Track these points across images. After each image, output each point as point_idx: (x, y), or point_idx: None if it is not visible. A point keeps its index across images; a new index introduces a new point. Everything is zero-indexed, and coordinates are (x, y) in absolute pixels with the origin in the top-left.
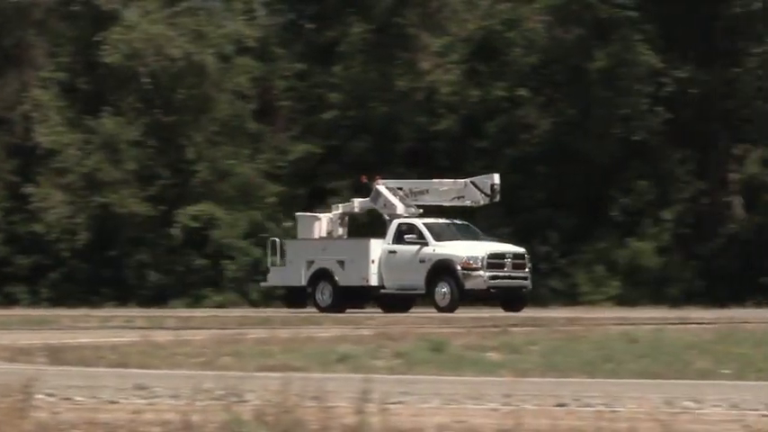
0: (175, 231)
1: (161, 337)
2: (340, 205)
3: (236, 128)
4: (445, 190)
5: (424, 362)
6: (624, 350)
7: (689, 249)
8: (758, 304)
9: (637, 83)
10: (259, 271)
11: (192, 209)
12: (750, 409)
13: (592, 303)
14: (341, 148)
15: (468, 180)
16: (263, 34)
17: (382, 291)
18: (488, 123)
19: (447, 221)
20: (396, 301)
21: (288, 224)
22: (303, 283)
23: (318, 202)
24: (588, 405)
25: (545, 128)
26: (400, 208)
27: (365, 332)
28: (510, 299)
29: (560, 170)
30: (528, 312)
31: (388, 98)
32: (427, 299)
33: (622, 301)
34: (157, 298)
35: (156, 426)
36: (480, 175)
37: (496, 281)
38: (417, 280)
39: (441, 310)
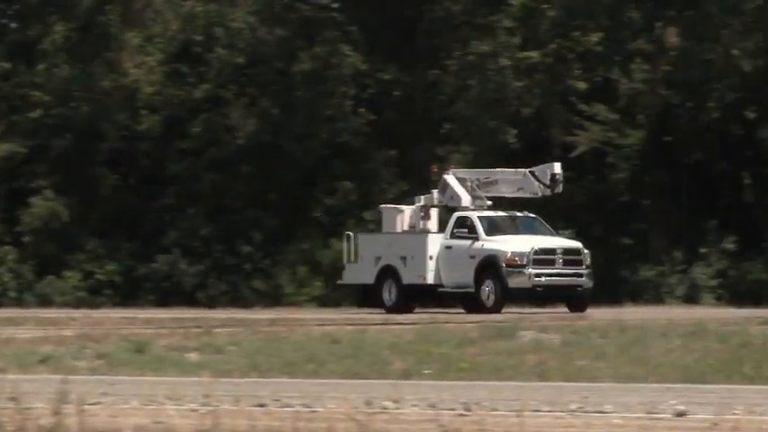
0: None
1: None
2: (422, 197)
3: None
4: (511, 180)
5: (126, 363)
6: (326, 351)
7: None
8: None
9: (341, 84)
10: None
11: None
12: (447, 409)
13: (295, 304)
14: (44, 148)
15: (526, 170)
16: None
17: (440, 289)
18: (191, 124)
19: (508, 214)
20: (456, 300)
21: None
22: (372, 280)
23: (19, 201)
24: (287, 405)
25: (250, 128)
26: (465, 200)
27: (68, 333)
28: (562, 298)
29: (265, 171)
30: (232, 314)
31: (91, 97)
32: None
33: (325, 302)
34: None
35: None
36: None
37: (543, 279)
38: (468, 277)
39: (487, 310)
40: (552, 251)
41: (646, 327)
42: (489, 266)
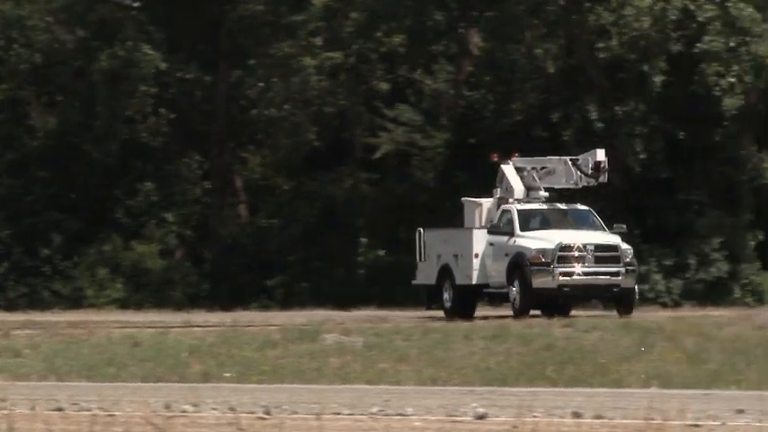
0: None
1: None
2: (498, 189)
3: None
4: (561, 170)
5: None
6: (127, 354)
7: (193, 252)
8: (263, 307)
9: (142, 84)
10: None
11: None
12: (247, 412)
13: (96, 307)
14: None
15: (567, 158)
16: None
17: (485, 290)
18: None
19: (554, 207)
20: (501, 300)
21: None
22: (434, 281)
23: None
24: (85, 409)
25: (49, 129)
26: (518, 191)
27: None
28: (596, 299)
29: (65, 172)
30: (31, 316)
31: None
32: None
33: (126, 304)
34: None
35: None
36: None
37: (571, 278)
38: (502, 276)
39: (514, 312)
40: (582, 247)
41: (449, 330)
42: (517, 266)
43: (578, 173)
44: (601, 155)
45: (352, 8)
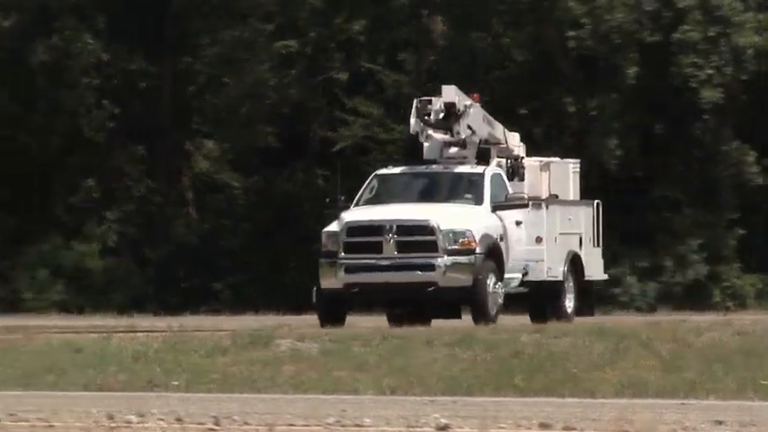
0: None
1: None
2: None
3: None
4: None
5: None
6: (67, 360)
7: (137, 252)
8: (212, 311)
9: (83, 75)
10: None
11: None
12: (196, 423)
13: (35, 310)
14: None
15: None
16: None
17: None
18: None
19: (425, 170)
20: None
21: None
22: None
23: None
24: (23, 420)
25: None
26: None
27: None
28: (400, 305)
29: (0, 167)
30: None
31: None
32: None
33: (67, 307)
34: None
35: None
36: None
37: (358, 275)
38: None
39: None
40: (378, 229)
41: (409, 335)
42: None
43: (418, 121)
44: (449, 93)
45: None
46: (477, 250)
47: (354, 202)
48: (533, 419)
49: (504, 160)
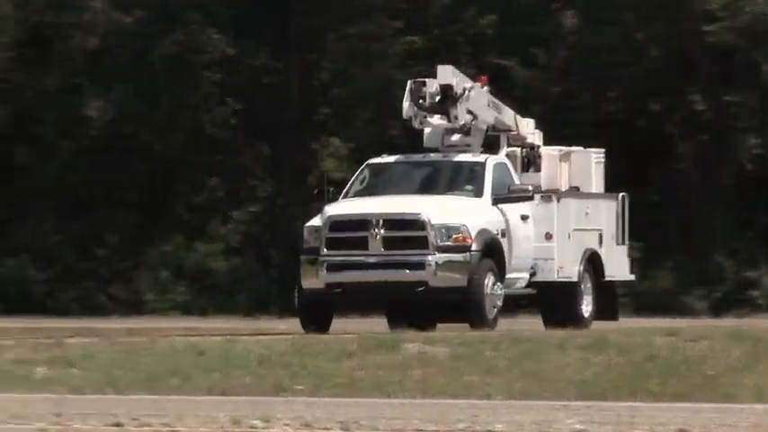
0: None
1: None
2: None
3: None
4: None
5: None
6: (191, 364)
7: (262, 253)
8: (340, 313)
9: (206, 71)
10: None
11: None
12: (322, 428)
13: (157, 312)
14: None
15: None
16: None
17: None
18: (41, 114)
19: (423, 158)
20: None
21: None
22: None
23: None
24: (146, 424)
25: (106, 118)
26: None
27: None
28: (386, 306)
29: (122, 165)
30: (86, 323)
31: None
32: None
33: (189, 309)
34: None
35: None
36: None
37: (341, 273)
38: None
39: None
40: (364, 224)
41: (541, 339)
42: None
43: (411, 104)
44: (446, 74)
45: None
46: (473, 247)
47: (343, 193)
48: (669, 425)
49: (518, 149)
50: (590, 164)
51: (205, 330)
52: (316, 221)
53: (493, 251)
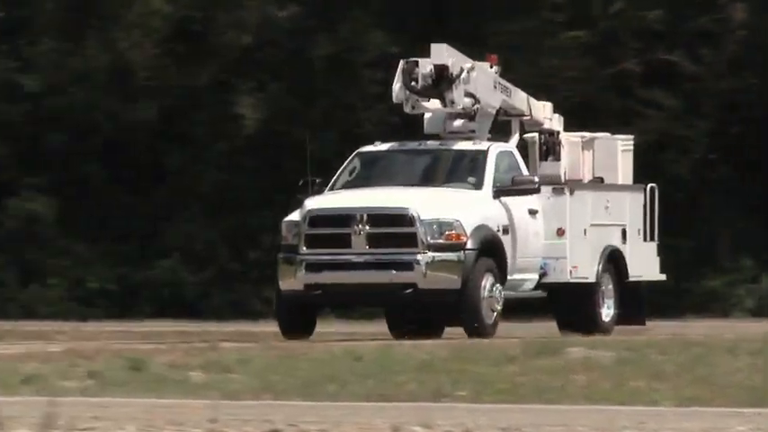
0: None
1: None
2: None
3: None
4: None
5: (121, 382)
6: (348, 369)
7: None
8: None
9: (365, 69)
10: None
11: None
12: None
13: None
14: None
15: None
16: None
17: None
18: (193, 112)
19: (419, 147)
20: None
21: None
22: None
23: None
24: (305, 431)
25: (259, 117)
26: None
27: (54, 348)
28: (370, 306)
29: (275, 166)
30: (241, 326)
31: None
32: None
33: (343, 311)
34: None
35: None
36: None
37: (320, 273)
38: None
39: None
40: (346, 219)
41: (710, 343)
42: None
43: (402, 87)
44: (440, 53)
45: None
46: (469, 245)
47: (329, 186)
48: None
49: (536, 135)
50: (616, 152)
51: (361, 335)
52: (294, 216)
53: (492, 249)
